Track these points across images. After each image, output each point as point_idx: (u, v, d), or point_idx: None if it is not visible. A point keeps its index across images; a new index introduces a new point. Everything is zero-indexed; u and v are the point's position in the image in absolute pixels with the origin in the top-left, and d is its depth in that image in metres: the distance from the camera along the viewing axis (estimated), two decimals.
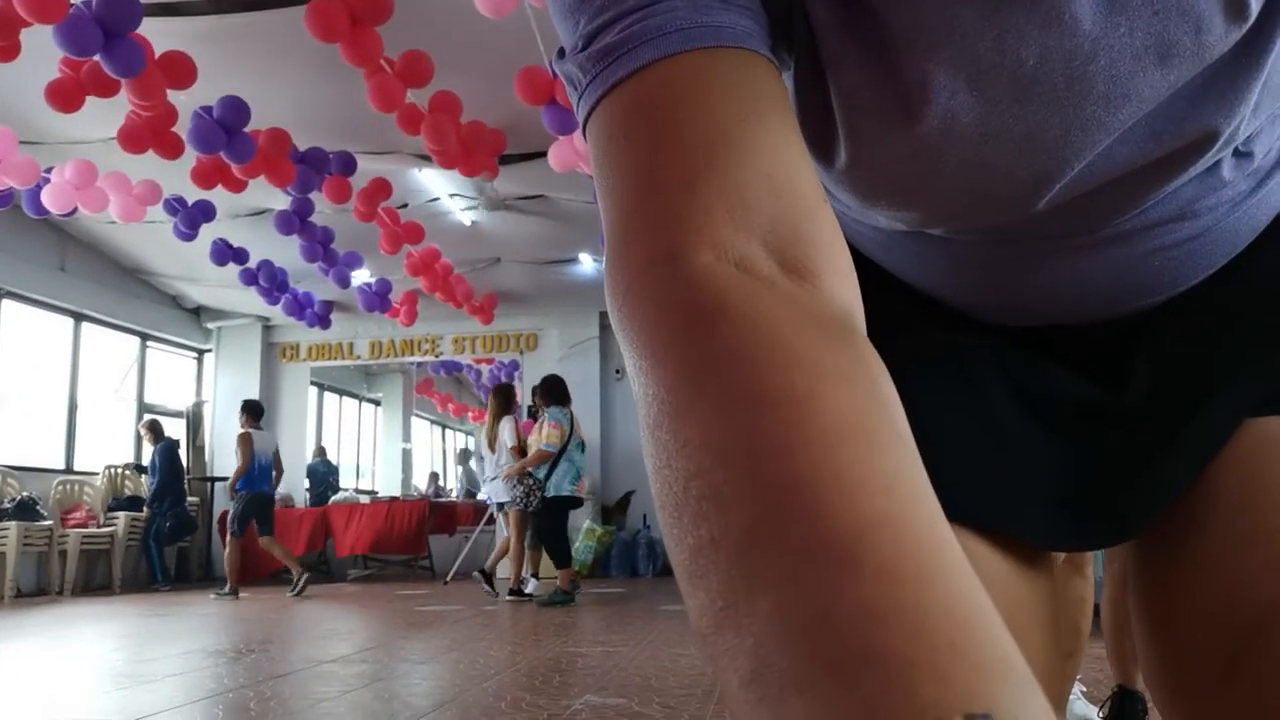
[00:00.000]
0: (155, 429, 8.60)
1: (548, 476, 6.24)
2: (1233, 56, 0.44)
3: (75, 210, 5.69)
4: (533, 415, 7.65)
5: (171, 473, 8.49)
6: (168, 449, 8.54)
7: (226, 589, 7.19)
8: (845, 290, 0.38)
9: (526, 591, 6.55)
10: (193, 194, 5.88)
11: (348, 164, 5.60)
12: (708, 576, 0.28)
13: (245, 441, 7.44)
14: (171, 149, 4.83)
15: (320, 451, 11.21)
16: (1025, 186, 0.50)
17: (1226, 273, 0.57)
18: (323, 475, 10.83)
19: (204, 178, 5.27)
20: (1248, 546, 0.51)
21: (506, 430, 6.72)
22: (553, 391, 6.41)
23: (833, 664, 0.24)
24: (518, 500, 6.34)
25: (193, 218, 6.16)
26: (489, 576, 6.75)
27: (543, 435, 6.26)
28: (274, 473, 7.71)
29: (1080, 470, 0.59)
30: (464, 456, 12.39)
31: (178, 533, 8.66)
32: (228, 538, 7.40)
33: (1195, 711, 0.52)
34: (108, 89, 4.21)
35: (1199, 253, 0.55)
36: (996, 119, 0.46)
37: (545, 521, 6.32)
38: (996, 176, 0.49)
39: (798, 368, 0.31)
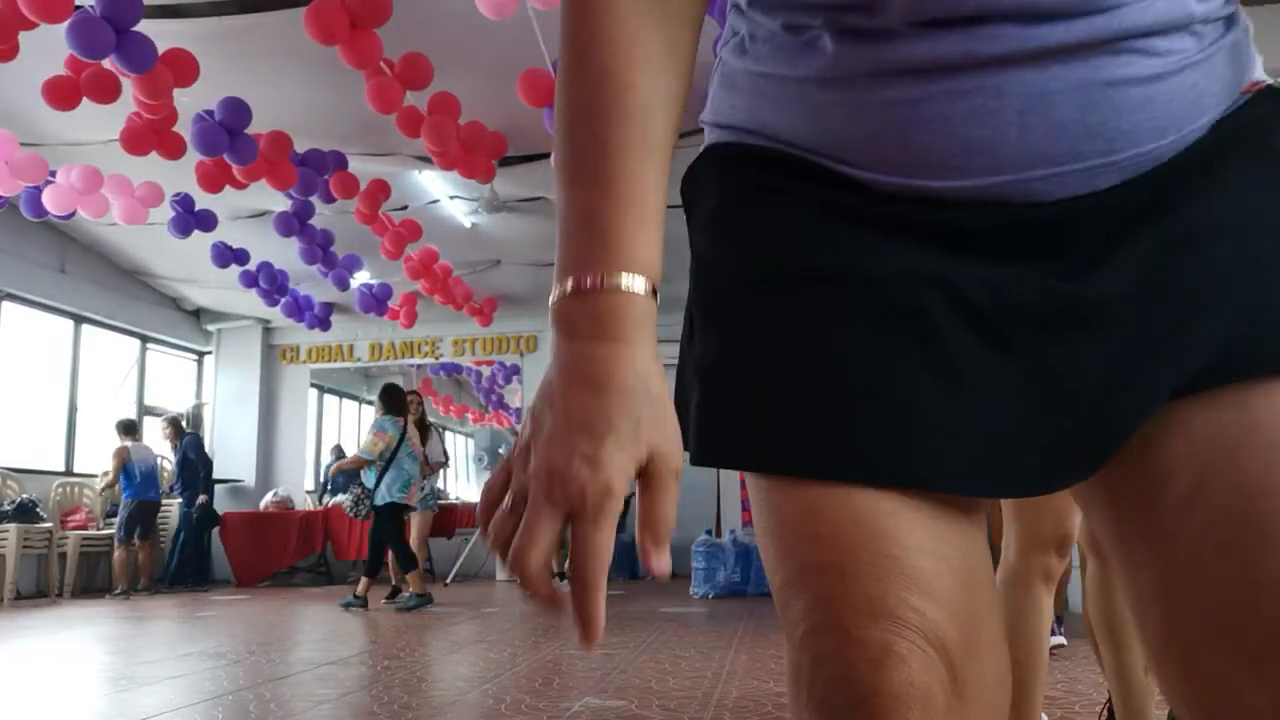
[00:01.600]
0: (176, 425, 8.68)
1: (376, 484, 6.28)
2: None
3: (74, 213, 5.68)
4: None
5: (204, 464, 8.62)
6: (196, 442, 8.67)
7: (119, 590, 7.56)
8: None
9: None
10: (196, 193, 5.86)
11: (340, 164, 5.59)
12: (561, 167, 0.56)
13: (118, 456, 7.80)
14: (174, 149, 4.82)
15: (337, 450, 11.10)
16: None
17: (1195, 193, 0.55)
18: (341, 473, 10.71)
19: (210, 181, 5.26)
20: (1253, 559, 0.50)
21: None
22: (388, 401, 6.54)
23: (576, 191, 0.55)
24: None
25: (185, 223, 6.16)
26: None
27: (361, 443, 6.39)
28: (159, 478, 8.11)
29: (1041, 399, 0.55)
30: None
31: (207, 525, 8.66)
32: (116, 544, 7.75)
33: (1215, 712, 0.52)
34: (108, 93, 4.20)
35: (1157, 99, 0.54)
36: None
37: (381, 528, 6.33)
38: None
39: (621, 56, 0.54)
